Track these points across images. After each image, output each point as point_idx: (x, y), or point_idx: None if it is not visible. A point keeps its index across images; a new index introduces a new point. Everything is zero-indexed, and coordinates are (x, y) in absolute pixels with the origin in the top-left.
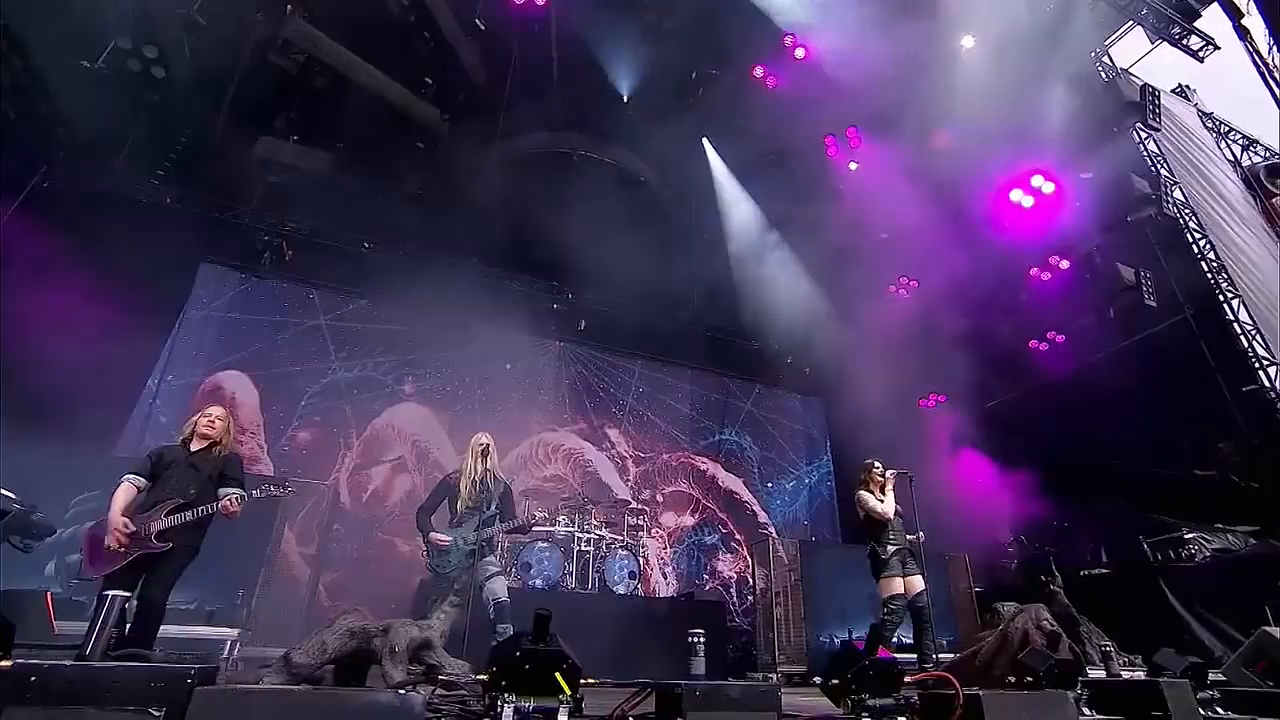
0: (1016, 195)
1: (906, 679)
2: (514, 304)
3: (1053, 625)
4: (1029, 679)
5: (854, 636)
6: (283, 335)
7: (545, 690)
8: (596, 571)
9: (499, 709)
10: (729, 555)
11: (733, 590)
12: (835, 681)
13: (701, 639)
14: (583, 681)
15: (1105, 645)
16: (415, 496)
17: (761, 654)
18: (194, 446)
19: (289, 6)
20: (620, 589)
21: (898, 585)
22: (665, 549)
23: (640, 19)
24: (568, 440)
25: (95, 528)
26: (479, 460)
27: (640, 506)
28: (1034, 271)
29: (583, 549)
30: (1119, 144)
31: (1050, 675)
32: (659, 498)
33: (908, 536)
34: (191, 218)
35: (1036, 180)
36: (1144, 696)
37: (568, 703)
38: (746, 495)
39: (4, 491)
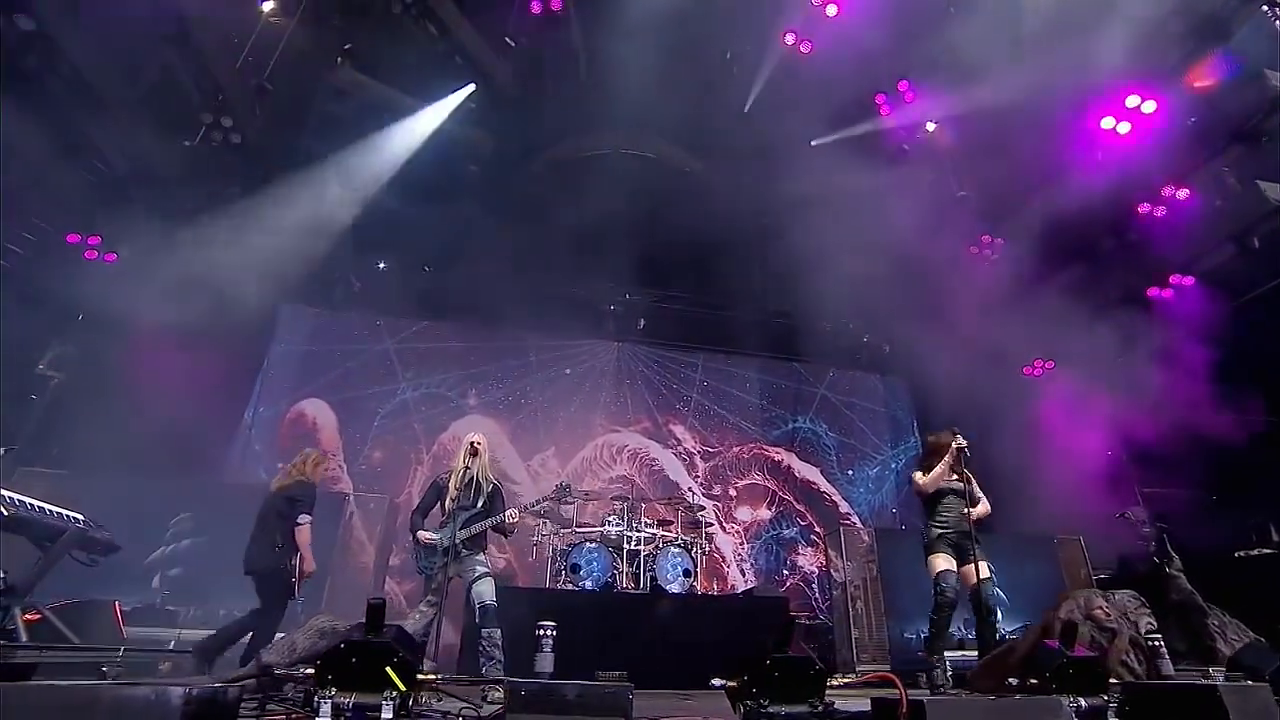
0: (1108, 123)
1: (838, 681)
2: (570, 309)
3: (1107, 614)
4: (1032, 681)
5: None
6: (354, 362)
7: (377, 686)
8: (648, 571)
9: (316, 705)
10: (809, 548)
11: (815, 585)
12: (733, 683)
13: (551, 632)
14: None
15: (1153, 639)
16: None
17: (840, 652)
18: None
19: (339, 59)
20: (674, 587)
21: (941, 562)
22: (742, 544)
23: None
24: (631, 440)
25: None
26: (469, 459)
27: (699, 502)
28: (1143, 208)
29: (633, 548)
30: (1242, 36)
31: (1062, 675)
32: (731, 492)
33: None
34: (271, 266)
35: (1132, 101)
36: (1197, 705)
37: (392, 699)
38: (825, 485)
39: (66, 511)
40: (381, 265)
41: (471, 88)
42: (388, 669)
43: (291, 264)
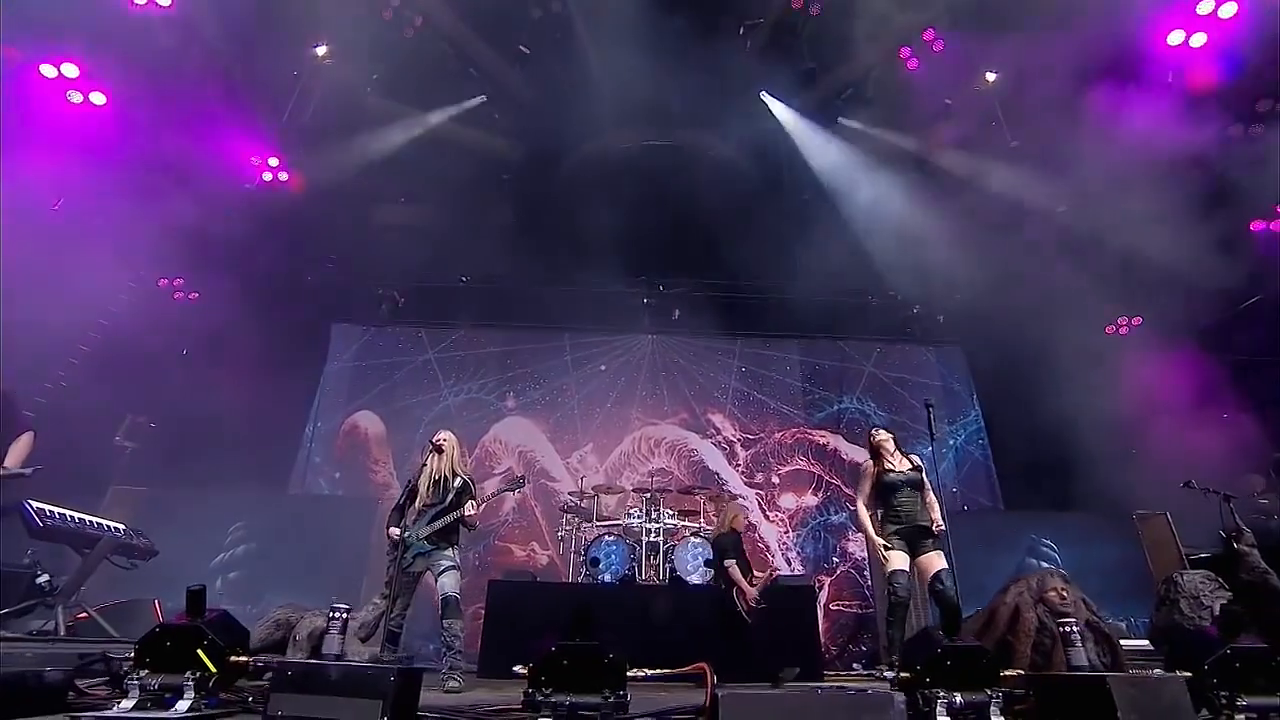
0: (1177, 38)
1: (645, 672)
2: (603, 305)
3: (1063, 597)
4: (904, 674)
5: None
6: (400, 374)
7: (184, 668)
8: (667, 562)
9: (126, 688)
10: (860, 534)
11: (867, 572)
12: (523, 671)
13: (342, 614)
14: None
15: (1064, 625)
16: (525, 506)
17: (881, 642)
18: None
19: (368, 89)
20: (695, 579)
21: (896, 560)
22: (787, 533)
23: None
24: (669, 433)
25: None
26: (431, 458)
27: (731, 490)
28: (1233, 129)
29: (653, 539)
30: None
31: (937, 667)
32: (774, 480)
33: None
34: (323, 290)
35: (1203, 7)
36: (1086, 697)
37: (190, 681)
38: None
39: (105, 520)
40: (398, 278)
41: (483, 98)
42: (198, 651)
43: (341, 287)
